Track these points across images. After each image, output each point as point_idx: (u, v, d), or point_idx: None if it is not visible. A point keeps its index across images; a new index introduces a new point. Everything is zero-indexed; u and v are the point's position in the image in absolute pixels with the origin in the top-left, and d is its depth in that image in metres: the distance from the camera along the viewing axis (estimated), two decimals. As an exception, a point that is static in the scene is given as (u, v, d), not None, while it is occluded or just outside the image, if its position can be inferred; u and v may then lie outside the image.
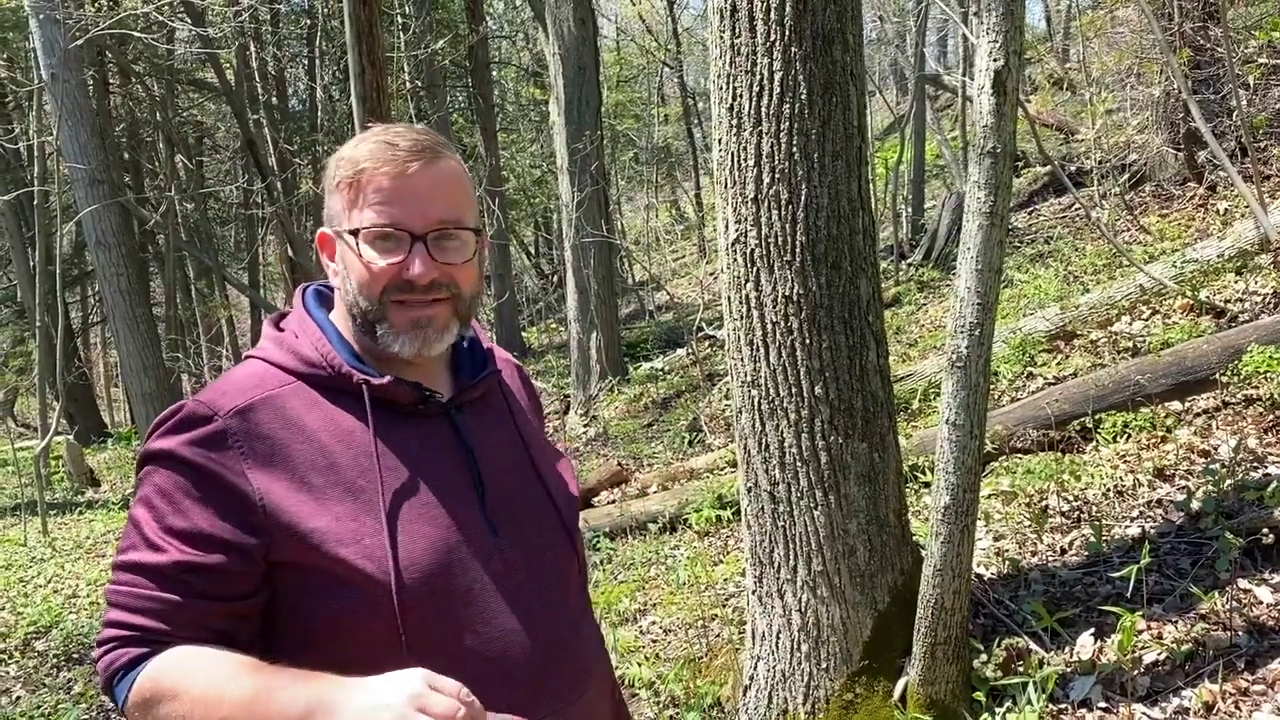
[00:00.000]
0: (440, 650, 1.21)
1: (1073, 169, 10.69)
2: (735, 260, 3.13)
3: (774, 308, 3.06)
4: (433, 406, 1.33)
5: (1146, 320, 6.11)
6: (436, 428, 1.33)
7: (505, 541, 1.32)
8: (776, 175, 3.01)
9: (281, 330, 1.35)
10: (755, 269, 3.08)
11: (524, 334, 17.90)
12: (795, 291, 3.03)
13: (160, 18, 10.43)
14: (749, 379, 3.15)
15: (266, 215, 15.43)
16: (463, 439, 1.34)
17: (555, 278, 21.70)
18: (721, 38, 3.06)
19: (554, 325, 18.76)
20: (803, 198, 3.00)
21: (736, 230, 3.10)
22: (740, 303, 3.13)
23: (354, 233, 1.27)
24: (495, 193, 14.03)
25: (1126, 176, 9.21)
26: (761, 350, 3.10)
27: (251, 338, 19.39)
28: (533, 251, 26.23)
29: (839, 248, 3.04)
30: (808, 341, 3.04)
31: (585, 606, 1.46)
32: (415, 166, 1.26)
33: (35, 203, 9.98)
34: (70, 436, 12.48)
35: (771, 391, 3.10)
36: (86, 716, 4.83)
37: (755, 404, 3.15)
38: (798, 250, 3.02)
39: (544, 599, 1.34)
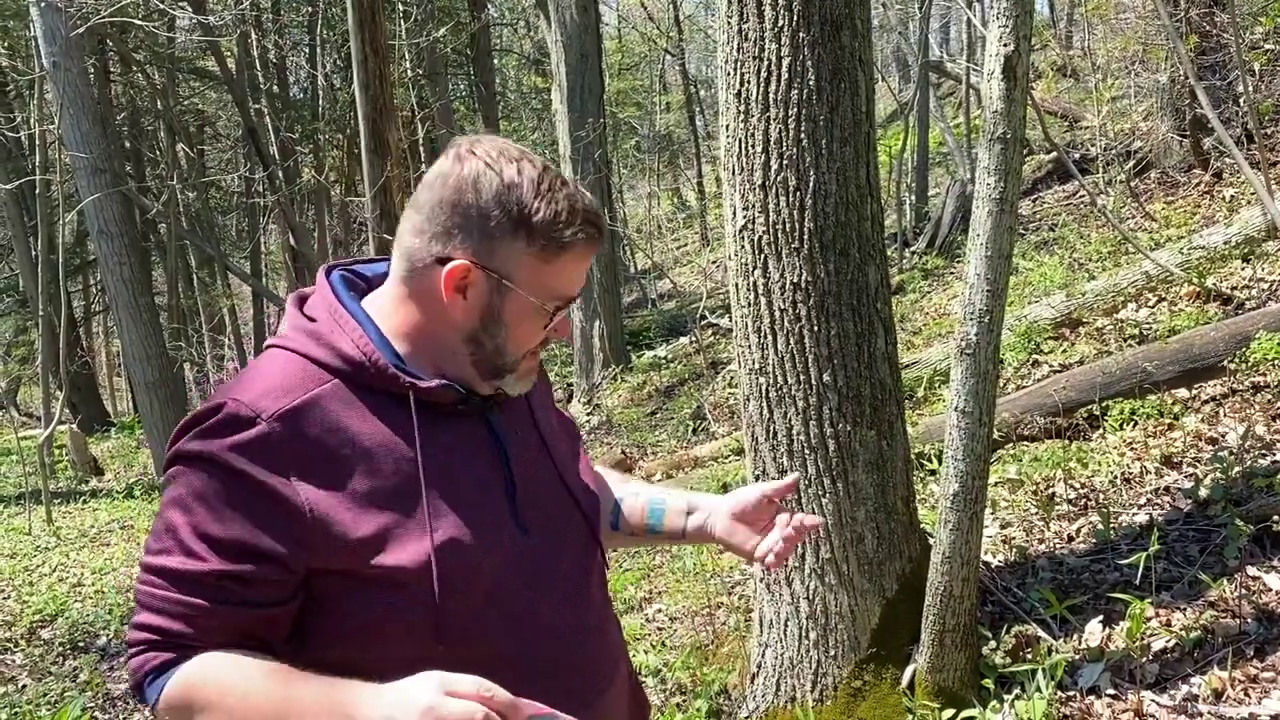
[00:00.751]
0: (474, 650, 1.22)
1: (1077, 156, 10.65)
2: (743, 247, 3.11)
3: (782, 295, 3.05)
4: (471, 406, 1.31)
5: (1153, 307, 6.09)
6: (474, 427, 1.31)
7: (534, 540, 1.32)
8: (784, 161, 2.99)
9: (312, 320, 1.28)
10: (763, 256, 3.06)
11: (526, 322, 17.83)
12: (803, 278, 3.02)
13: (161, 5, 10.38)
14: (756, 366, 3.14)
15: (268, 204, 15.41)
16: (498, 438, 1.33)
17: (557, 266, 21.60)
18: (729, 22, 3.03)
19: (556, 314, 18.68)
20: (811, 184, 2.98)
21: (744, 217, 3.08)
22: (748, 290, 3.12)
23: (556, 304, 1.27)
24: (497, 181, 13.97)
25: (1132, 163, 9.18)
26: (769, 337, 3.08)
27: (254, 326, 19.38)
28: (535, 240, 26.14)
29: (847, 234, 3.02)
30: (815, 329, 3.03)
31: (607, 600, 1.47)
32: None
33: (37, 192, 9.96)
34: (73, 425, 12.50)
35: (779, 379, 3.09)
36: (92, 704, 4.84)
37: (763, 391, 3.13)
38: (806, 237, 3.00)
39: (571, 596, 1.35)
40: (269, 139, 14.12)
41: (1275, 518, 3.44)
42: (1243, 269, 6.00)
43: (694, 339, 10.63)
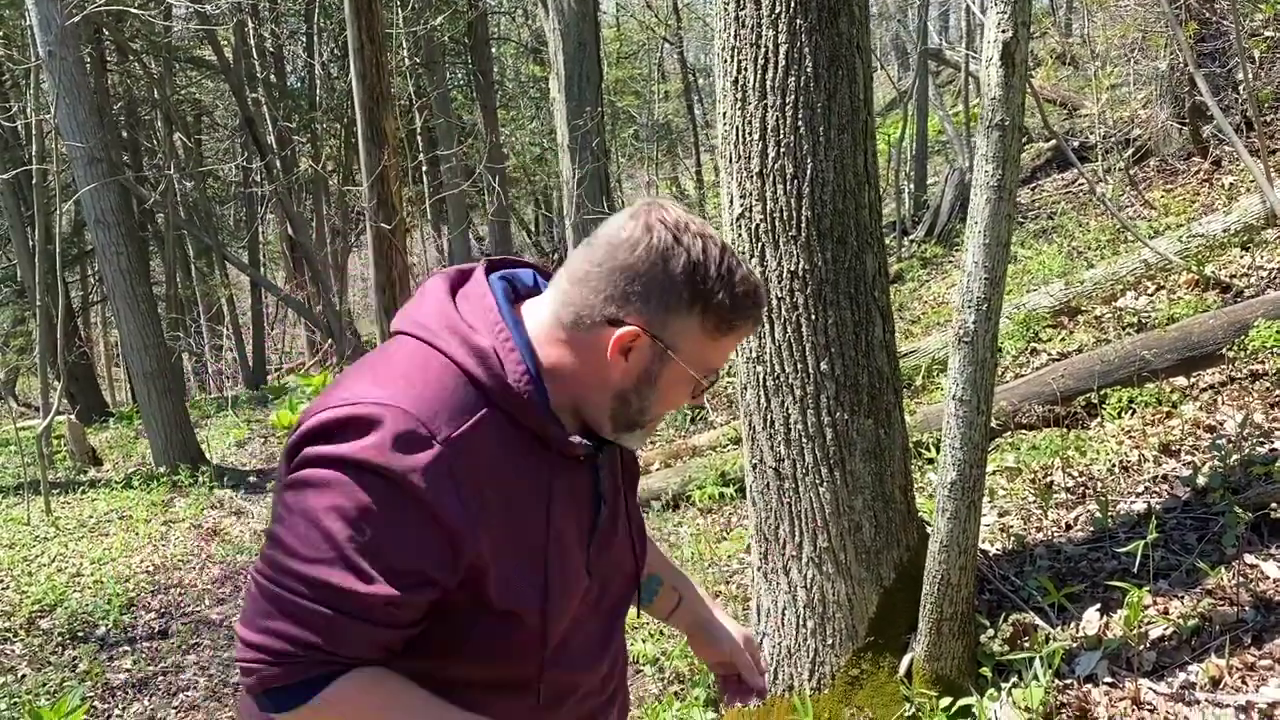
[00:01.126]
0: (554, 675, 1.33)
1: (1076, 144, 10.63)
2: (740, 236, 3.10)
3: (779, 283, 3.04)
4: (595, 460, 1.35)
5: (1151, 295, 6.09)
6: (584, 475, 1.35)
7: (593, 581, 1.38)
8: (782, 149, 2.97)
9: (471, 327, 1.24)
10: (760, 244, 3.05)
11: (525, 312, 17.81)
12: (800, 267, 3.01)
13: (157, -6, 10.35)
14: (754, 355, 3.13)
15: (266, 193, 15.37)
16: (598, 488, 1.37)
17: (556, 256, 21.64)
18: (726, 9, 3.02)
19: (555, 303, 18.65)
20: (808, 172, 2.97)
21: (741, 205, 3.07)
22: (745, 278, 3.10)
23: (707, 375, 1.30)
24: (495, 170, 13.97)
25: (1131, 151, 9.17)
26: (766, 326, 3.08)
27: (252, 316, 19.35)
28: (533, 229, 26.12)
29: (845, 222, 3.01)
30: (813, 317, 3.02)
31: (624, 625, 1.56)
32: None
33: (34, 181, 9.92)
34: (72, 415, 12.48)
35: (777, 367, 3.08)
36: (91, 694, 4.85)
37: (760, 380, 3.13)
38: (803, 225, 2.99)
39: (605, 626, 1.44)
40: (266, 128, 14.10)
41: (1273, 505, 3.44)
42: (1241, 257, 5.99)
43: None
